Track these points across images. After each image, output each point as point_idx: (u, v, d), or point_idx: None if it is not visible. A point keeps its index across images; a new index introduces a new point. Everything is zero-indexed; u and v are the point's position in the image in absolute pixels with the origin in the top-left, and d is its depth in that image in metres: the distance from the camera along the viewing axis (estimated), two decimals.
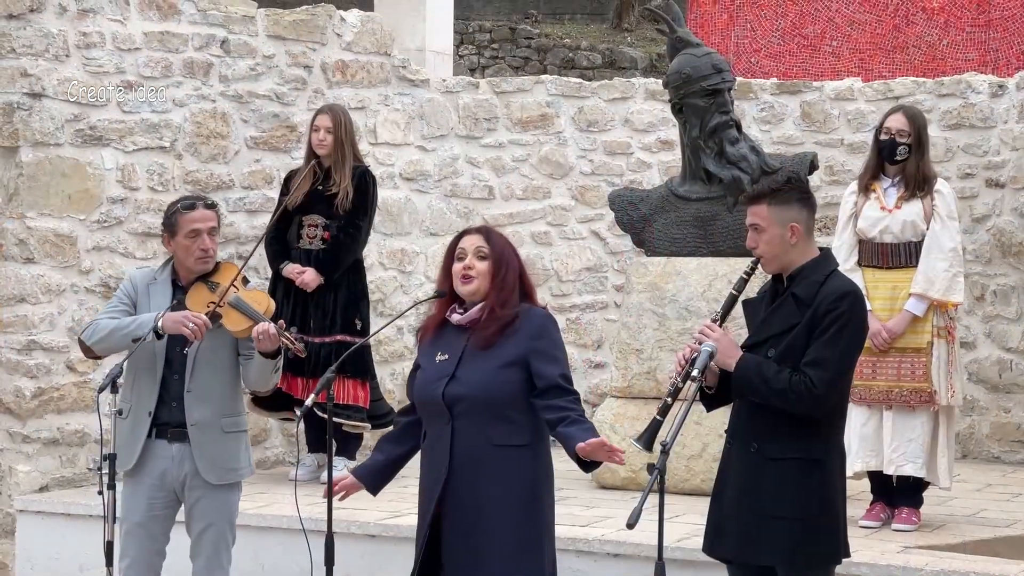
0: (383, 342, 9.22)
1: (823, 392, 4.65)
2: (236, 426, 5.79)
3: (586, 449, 4.67)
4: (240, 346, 5.75)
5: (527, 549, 4.79)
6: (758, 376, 4.70)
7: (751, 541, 4.74)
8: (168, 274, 5.80)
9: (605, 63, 19.22)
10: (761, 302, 4.93)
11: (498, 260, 4.88)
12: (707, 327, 4.81)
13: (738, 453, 4.83)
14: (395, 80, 9.49)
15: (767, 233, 4.81)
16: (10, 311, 7.79)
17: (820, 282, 4.76)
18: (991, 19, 13.23)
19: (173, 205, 5.80)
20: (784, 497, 4.70)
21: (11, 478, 7.75)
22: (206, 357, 5.66)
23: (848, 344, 4.72)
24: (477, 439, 4.81)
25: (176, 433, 5.64)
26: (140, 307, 5.75)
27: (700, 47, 7.93)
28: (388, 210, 9.30)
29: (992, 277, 9.25)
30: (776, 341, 4.76)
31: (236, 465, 5.77)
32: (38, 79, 7.83)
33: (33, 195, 7.83)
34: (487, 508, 4.79)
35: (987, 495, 7.93)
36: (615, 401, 7.95)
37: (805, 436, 4.72)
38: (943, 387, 6.86)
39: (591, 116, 9.93)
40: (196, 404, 5.66)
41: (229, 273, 5.80)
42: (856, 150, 9.49)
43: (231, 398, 5.78)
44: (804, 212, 4.83)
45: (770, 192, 4.84)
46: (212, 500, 5.71)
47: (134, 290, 5.78)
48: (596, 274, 9.97)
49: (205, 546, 5.75)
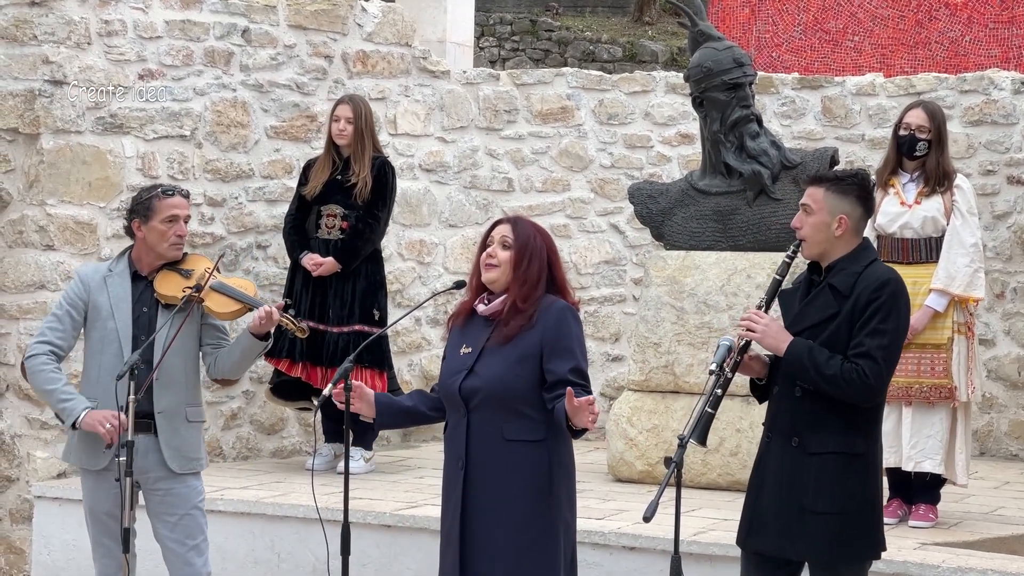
0: (401, 333, 9.22)
1: (875, 383, 4.64)
2: (197, 416, 5.80)
3: (573, 404, 4.58)
4: (205, 335, 5.75)
5: (540, 543, 4.78)
6: (810, 360, 4.66)
7: (790, 535, 4.71)
8: (125, 265, 5.78)
9: (626, 56, 19.20)
10: (796, 293, 4.90)
11: (521, 250, 4.84)
12: (754, 314, 4.79)
13: (777, 446, 4.79)
14: (415, 71, 9.48)
15: (815, 217, 4.79)
16: (30, 297, 7.81)
17: (858, 272, 4.74)
18: (1014, 15, 13.19)
19: (149, 191, 5.79)
20: (824, 492, 4.68)
21: (29, 464, 7.77)
22: (174, 346, 5.63)
23: (894, 332, 4.70)
24: (491, 433, 4.80)
25: (141, 424, 5.56)
26: (94, 305, 5.71)
27: (721, 41, 7.91)
28: (407, 201, 9.30)
29: (1012, 274, 9.22)
30: (812, 332, 4.73)
31: (197, 455, 5.78)
32: (59, 66, 7.84)
33: (53, 182, 7.85)
34: (500, 501, 4.77)
35: (1005, 492, 7.91)
36: (632, 395, 7.94)
37: (846, 430, 4.70)
38: (963, 383, 6.84)
39: (611, 109, 9.92)
40: (163, 392, 5.65)
41: (198, 260, 5.81)
42: (877, 146, 9.46)
43: (194, 386, 5.78)
44: (858, 209, 4.81)
45: (833, 178, 4.83)
46: (180, 489, 5.71)
47: (85, 289, 5.74)
48: (615, 267, 9.96)
49: (180, 539, 5.72)
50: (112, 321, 5.68)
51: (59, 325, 5.74)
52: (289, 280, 8.22)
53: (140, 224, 5.74)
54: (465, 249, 9.47)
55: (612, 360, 9.86)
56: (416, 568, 6.75)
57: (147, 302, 5.72)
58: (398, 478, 8.00)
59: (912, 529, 6.74)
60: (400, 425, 5.22)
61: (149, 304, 5.71)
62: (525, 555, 4.76)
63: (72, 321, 5.75)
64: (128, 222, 5.83)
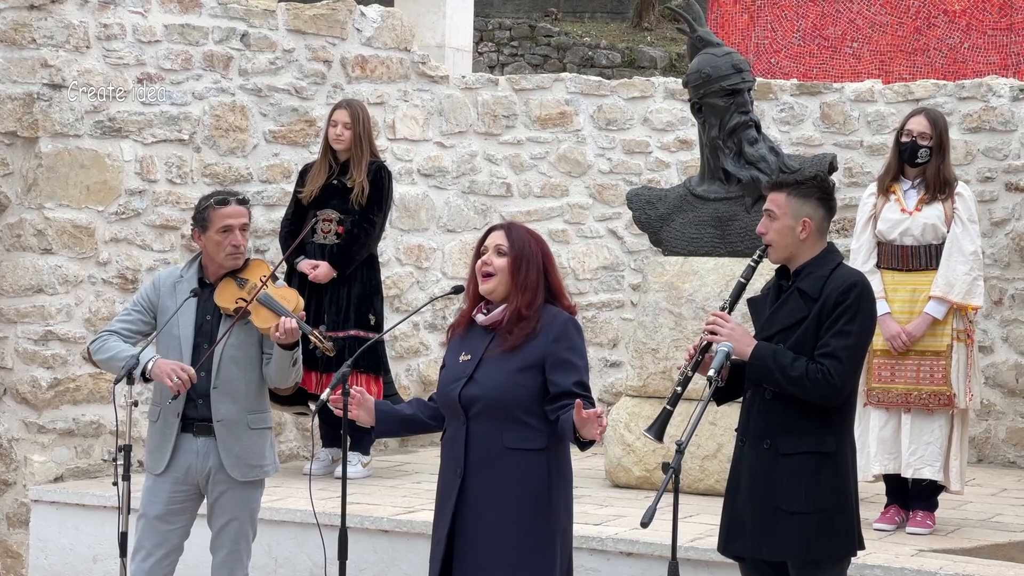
0: (398, 338, 9.22)
1: (839, 383, 4.68)
2: (262, 423, 5.78)
3: (581, 415, 4.57)
4: (265, 344, 5.74)
5: (537, 552, 4.77)
6: (775, 363, 4.71)
7: (766, 537, 4.74)
8: (195, 272, 5.79)
9: (624, 62, 19.21)
10: (766, 299, 4.95)
11: (518, 257, 4.82)
12: (719, 316, 4.83)
13: (750, 450, 4.83)
14: (414, 76, 9.48)
15: (779, 222, 4.85)
16: (27, 301, 7.81)
17: (826, 276, 4.80)
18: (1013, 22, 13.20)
19: (206, 200, 5.77)
20: (798, 492, 4.71)
21: (26, 468, 7.76)
22: (232, 354, 5.66)
23: (860, 334, 4.74)
24: (490, 441, 4.79)
25: (202, 427, 5.64)
26: (163, 308, 5.74)
27: (720, 47, 7.91)
28: (405, 206, 9.30)
29: (1011, 281, 9.22)
30: (784, 336, 4.78)
31: (261, 462, 5.76)
32: (58, 70, 7.84)
33: (52, 186, 7.85)
34: (498, 509, 4.76)
35: (1002, 499, 7.90)
36: (630, 400, 7.94)
37: (817, 430, 4.74)
38: (961, 391, 6.84)
39: (610, 115, 9.92)
40: (222, 401, 5.65)
41: (258, 270, 5.79)
42: (876, 152, 9.47)
43: (257, 394, 5.77)
44: (820, 211, 4.87)
45: (792, 183, 4.88)
46: (235, 495, 5.71)
47: (156, 292, 5.77)
48: (613, 273, 9.95)
49: (226, 541, 5.75)
50: (177, 328, 5.69)
51: (128, 318, 5.79)
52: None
53: (199, 234, 5.74)
54: (463, 254, 9.47)
55: (610, 366, 9.86)
56: (413, 573, 6.75)
57: (211, 310, 5.71)
58: (395, 483, 7.99)
59: (910, 536, 6.74)
60: (399, 434, 5.21)
61: (212, 312, 5.71)
62: (521, 564, 4.75)
63: (142, 318, 5.77)
64: (191, 231, 5.86)
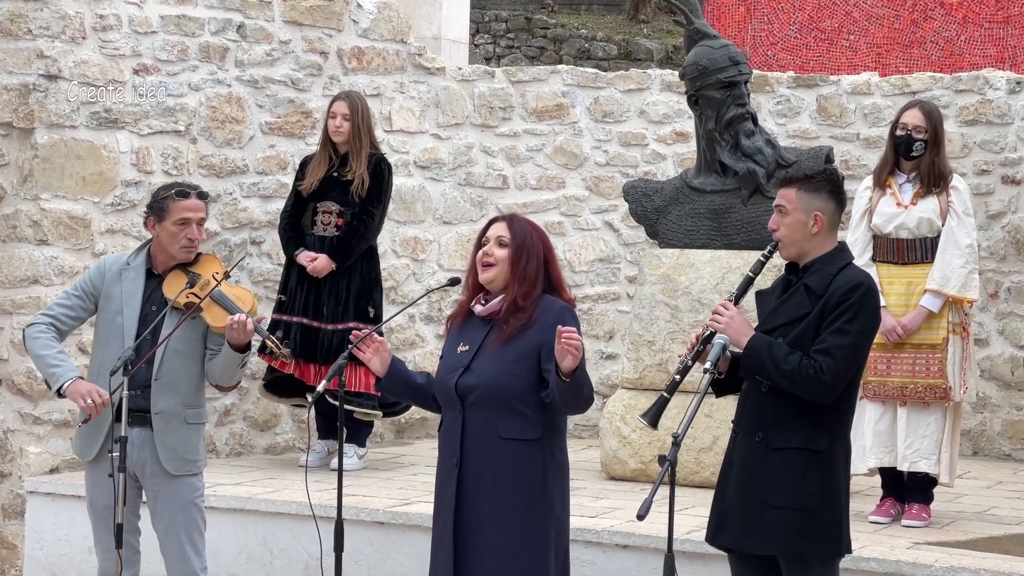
0: (395, 330, 9.22)
1: (830, 380, 4.66)
2: (198, 418, 5.77)
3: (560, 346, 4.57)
4: (209, 340, 5.71)
5: (532, 542, 4.78)
6: (768, 356, 4.70)
7: (751, 529, 4.74)
8: (143, 260, 5.76)
9: (621, 54, 19.22)
10: (773, 293, 4.94)
11: (518, 248, 4.84)
12: (722, 305, 4.82)
13: (743, 442, 4.83)
14: (411, 68, 9.47)
15: (790, 217, 4.83)
16: (23, 292, 7.80)
17: (833, 274, 4.78)
18: (1009, 15, 13.19)
19: (165, 190, 5.75)
20: (784, 486, 4.70)
21: (21, 459, 7.76)
22: (176, 347, 5.63)
23: (859, 335, 4.72)
24: (486, 431, 4.80)
25: (138, 418, 5.58)
26: (106, 294, 5.70)
27: (717, 39, 7.90)
28: (402, 198, 9.29)
29: (1007, 274, 9.23)
30: (786, 330, 4.77)
31: (195, 457, 5.75)
32: (54, 61, 7.83)
33: (47, 177, 7.84)
34: (493, 499, 4.78)
35: (998, 492, 7.91)
36: (626, 392, 7.94)
37: (811, 427, 4.73)
38: (957, 383, 6.85)
39: (607, 107, 9.91)
40: (162, 393, 5.64)
41: (209, 264, 5.76)
42: (872, 145, 9.46)
43: (196, 389, 5.75)
44: (831, 204, 4.84)
45: (803, 178, 4.86)
46: (174, 490, 5.69)
47: (101, 278, 5.73)
48: (609, 265, 9.95)
49: (174, 540, 5.72)
50: (120, 316, 5.67)
51: (67, 303, 5.75)
52: (284, 277, 8.21)
53: (154, 223, 5.72)
54: (460, 246, 9.47)
55: (606, 358, 9.86)
56: (409, 565, 6.75)
57: (156, 300, 5.69)
58: (391, 475, 7.99)
59: (905, 529, 6.74)
60: (402, 396, 5.19)
61: (158, 303, 5.68)
62: (517, 553, 4.76)
63: (81, 304, 5.74)
64: (144, 218, 5.82)
